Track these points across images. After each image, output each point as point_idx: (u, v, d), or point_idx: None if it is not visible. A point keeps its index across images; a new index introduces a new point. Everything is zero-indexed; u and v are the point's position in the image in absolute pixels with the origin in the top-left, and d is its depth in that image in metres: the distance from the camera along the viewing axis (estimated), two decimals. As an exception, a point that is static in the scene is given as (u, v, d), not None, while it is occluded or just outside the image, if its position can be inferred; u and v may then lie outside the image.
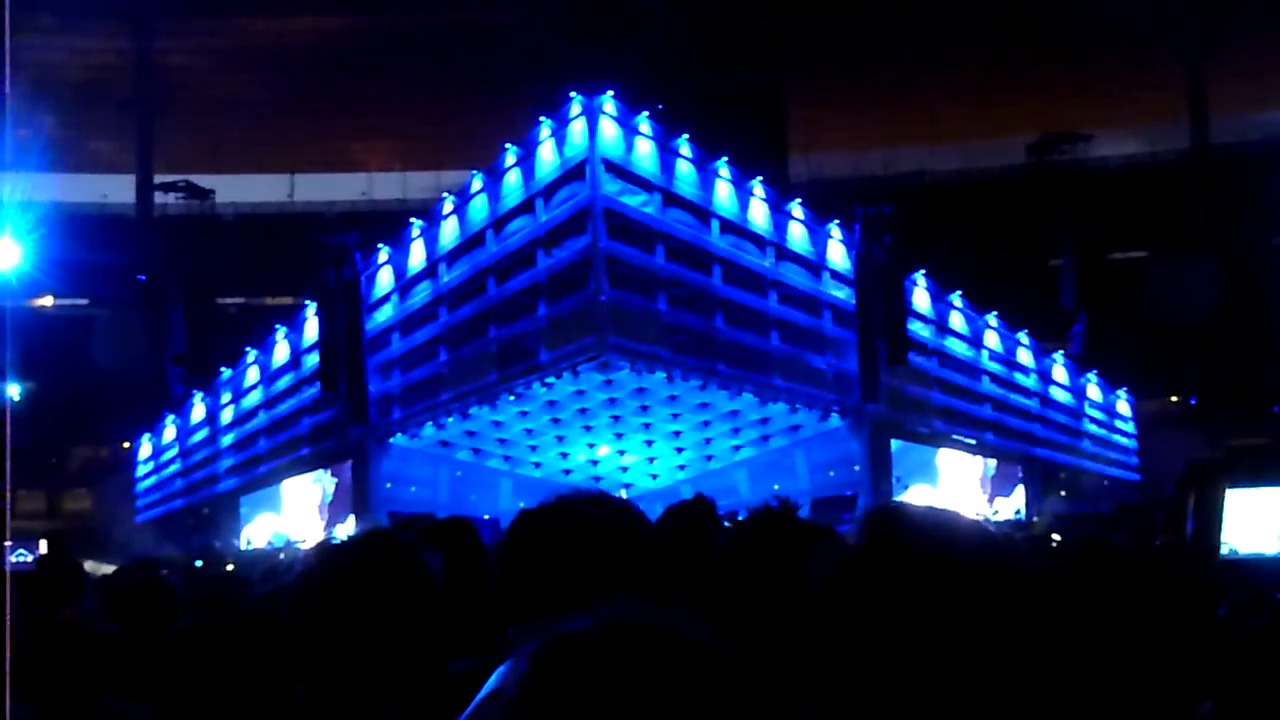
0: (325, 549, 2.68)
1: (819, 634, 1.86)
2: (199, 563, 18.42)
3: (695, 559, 2.88)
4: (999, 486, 37.07)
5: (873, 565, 1.81)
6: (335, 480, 35.11)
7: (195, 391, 42.59)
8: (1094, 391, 42.84)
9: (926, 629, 1.74)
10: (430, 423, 31.83)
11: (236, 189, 55.86)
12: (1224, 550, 3.13)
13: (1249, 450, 40.42)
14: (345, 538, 2.69)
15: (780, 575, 2.80)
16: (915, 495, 33.66)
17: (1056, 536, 16.30)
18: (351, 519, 32.85)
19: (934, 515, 1.85)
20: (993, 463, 37.14)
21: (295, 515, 36.53)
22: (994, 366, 37.46)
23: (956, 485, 35.36)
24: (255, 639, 3.56)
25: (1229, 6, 48.46)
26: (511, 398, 29.88)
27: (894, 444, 32.64)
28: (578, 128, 27.92)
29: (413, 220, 32.95)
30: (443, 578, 2.55)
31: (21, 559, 18.15)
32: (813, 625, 1.87)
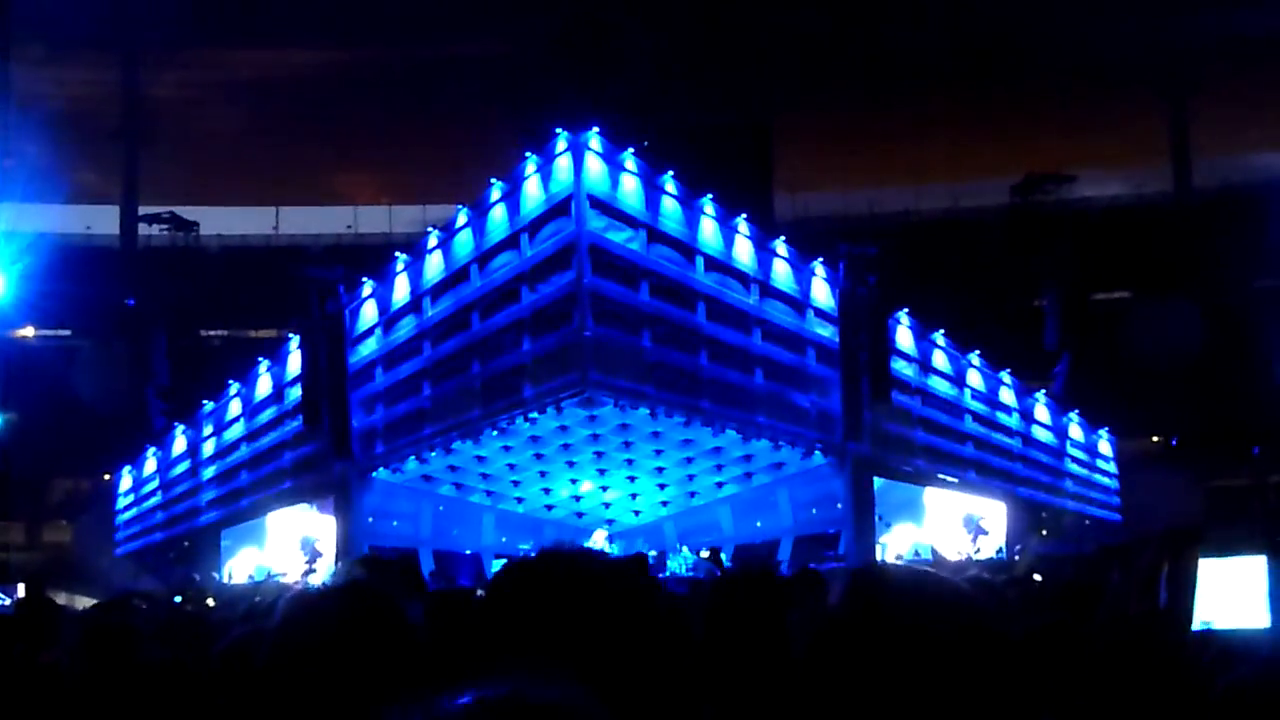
0: (304, 598, 2.63)
1: (799, 696, 1.85)
2: (178, 598, 18.28)
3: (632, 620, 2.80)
4: (982, 525, 37.00)
5: (852, 632, 1.80)
6: (317, 514, 34.93)
7: (177, 424, 42.41)
8: (1076, 431, 42.89)
9: (904, 694, 1.73)
10: (413, 457, 31.73)
11: (221, 221, 55.87)
12: (1197, 624, 3.12)
13: (1229, 492, 40.65)
14: (323, 585, 2.65)
15: (761, 633, 2.78)
16: (899, 534, 33.64)
17: (1038, 576, 16.25)
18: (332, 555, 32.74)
19: (913, 581, 1.84)
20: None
21: (278, 549, 36.33)
22: (977, 405, 37.50)
23: (940, 524, 35.30)
24: (224, 682, 3.52)
25: (1212, 50, 48.86)
26: (495, 433, 29.81)
27: (877, 482, 32.60)
28: (563, 164, 27.94)
29: (397, 254, 32.93)
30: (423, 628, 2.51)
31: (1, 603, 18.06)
32: (793, 687, 1.86)
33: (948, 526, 35.59)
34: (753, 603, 2.92)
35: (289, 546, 35.74)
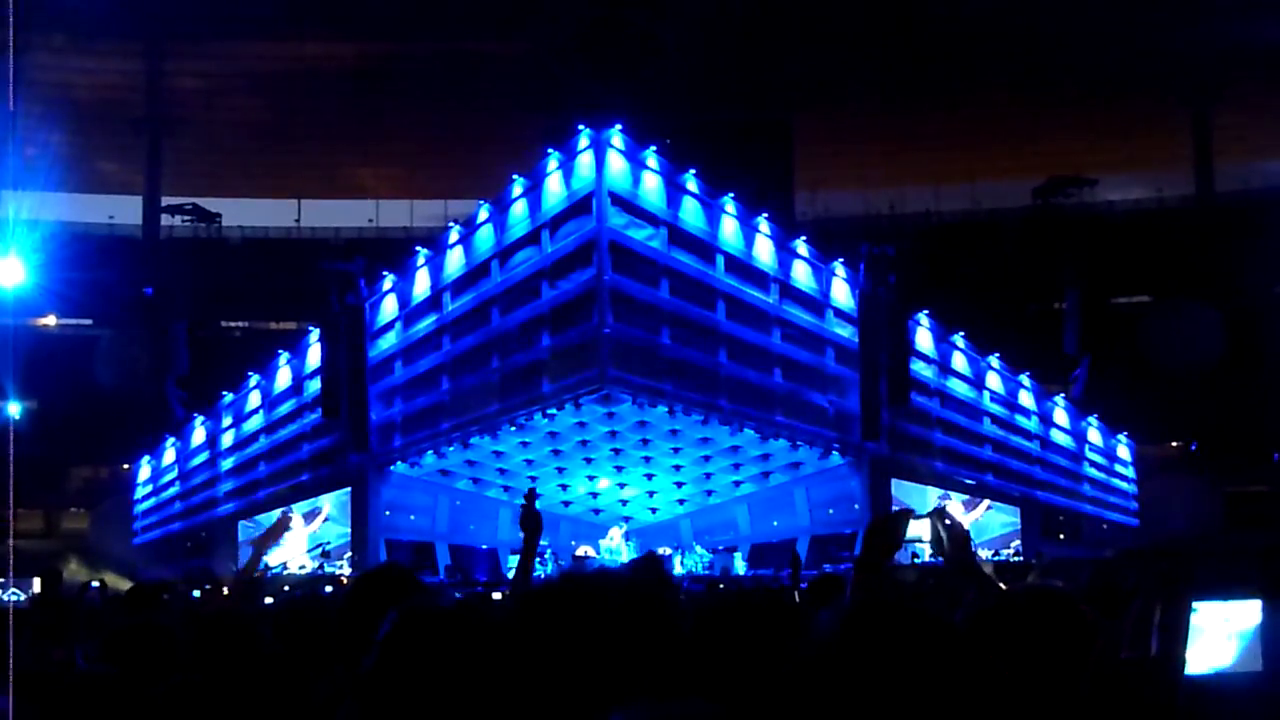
0: (424, 616, 2.51)
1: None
2: (196, 592, 18.27)
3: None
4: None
5: (847, 669, 1.82)
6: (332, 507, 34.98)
7: (196, 414, 42.54)
8: (1095, 435, 42.76)
9: None
10: (431, 451, 31.78)
11: (244, 213, 56.08)
12: (1189, 668, 3.10)
13: (1247, 498, 40.49)
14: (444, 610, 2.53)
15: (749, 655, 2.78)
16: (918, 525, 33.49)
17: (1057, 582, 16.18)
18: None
19: (911, 624, 1.86)
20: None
21: (293, 541, 36.41)
22: (995, 408, 37.38)
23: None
24: (268, 695, 3.51)
25: (1235, 55, 48.67)
26: (513, 428, 29.85)
27: (894, 483, 32.51)
28: (585, 160, 27.94)
29: (418, 248, 32.97)
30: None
31: (15, 598, 18.12)
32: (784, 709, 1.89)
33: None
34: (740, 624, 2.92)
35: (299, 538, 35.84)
